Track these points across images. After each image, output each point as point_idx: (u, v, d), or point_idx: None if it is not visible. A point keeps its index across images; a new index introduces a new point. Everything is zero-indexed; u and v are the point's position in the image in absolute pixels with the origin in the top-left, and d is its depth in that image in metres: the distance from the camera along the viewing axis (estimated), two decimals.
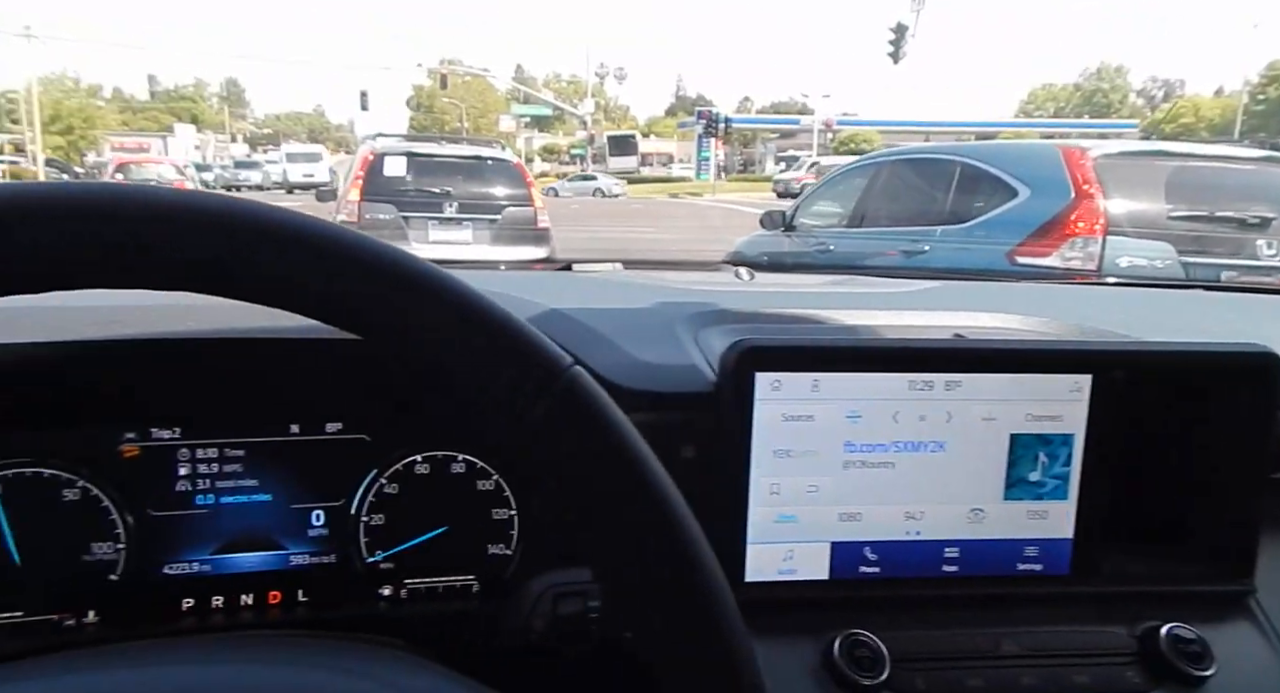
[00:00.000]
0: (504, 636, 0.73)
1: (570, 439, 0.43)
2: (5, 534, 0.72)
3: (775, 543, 0.73)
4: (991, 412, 0.72)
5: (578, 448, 0.43)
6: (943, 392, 0.72)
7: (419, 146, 7.28)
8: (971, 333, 0.93)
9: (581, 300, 0.98)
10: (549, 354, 0.44)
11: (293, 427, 0.79)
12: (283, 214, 0.41)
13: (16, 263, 0.37)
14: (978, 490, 0.73)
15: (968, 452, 0.73)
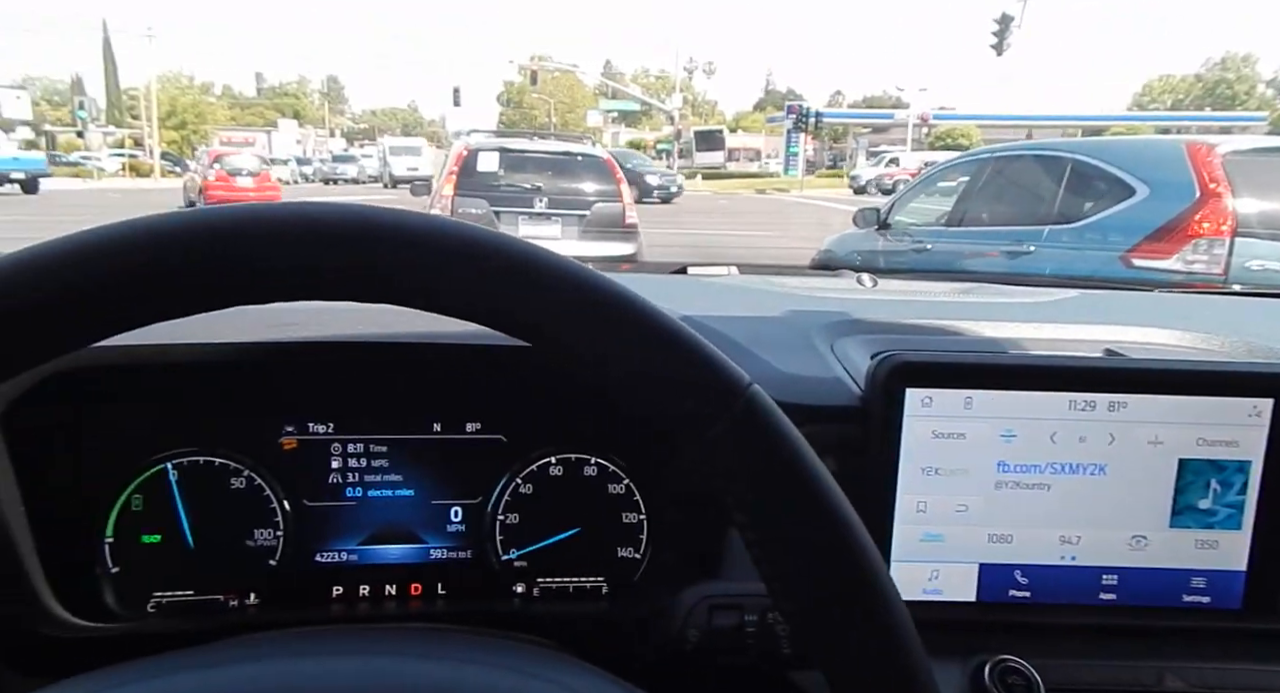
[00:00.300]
0: (656, 643, 0.73)
1: (749, 458, 0.43)
2: (181, 518, 0.78)
3: (920, 562, 0.71)
4: (1159, 435, 0.68)
5: (757, 466, 0.43)
6: (1105, 413, 0.68)
7: (512, 142, 7.38)
8: (1123, 348, 0.88)
9: (709, 307, 0.98)
10: (729, 373, 0.43)
11: (435, 425, 0.82)
12: (480, 232, 0.41)
13: (272, 278, 0.38)
14: (1140, 517, 0.70)
15: (1131, 476, 0.69)
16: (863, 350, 0.86)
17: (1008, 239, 4.42)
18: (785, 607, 0.44)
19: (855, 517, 0.43)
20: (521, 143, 7.43)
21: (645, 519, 0.85)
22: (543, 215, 6.84)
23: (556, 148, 7.36)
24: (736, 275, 1.33)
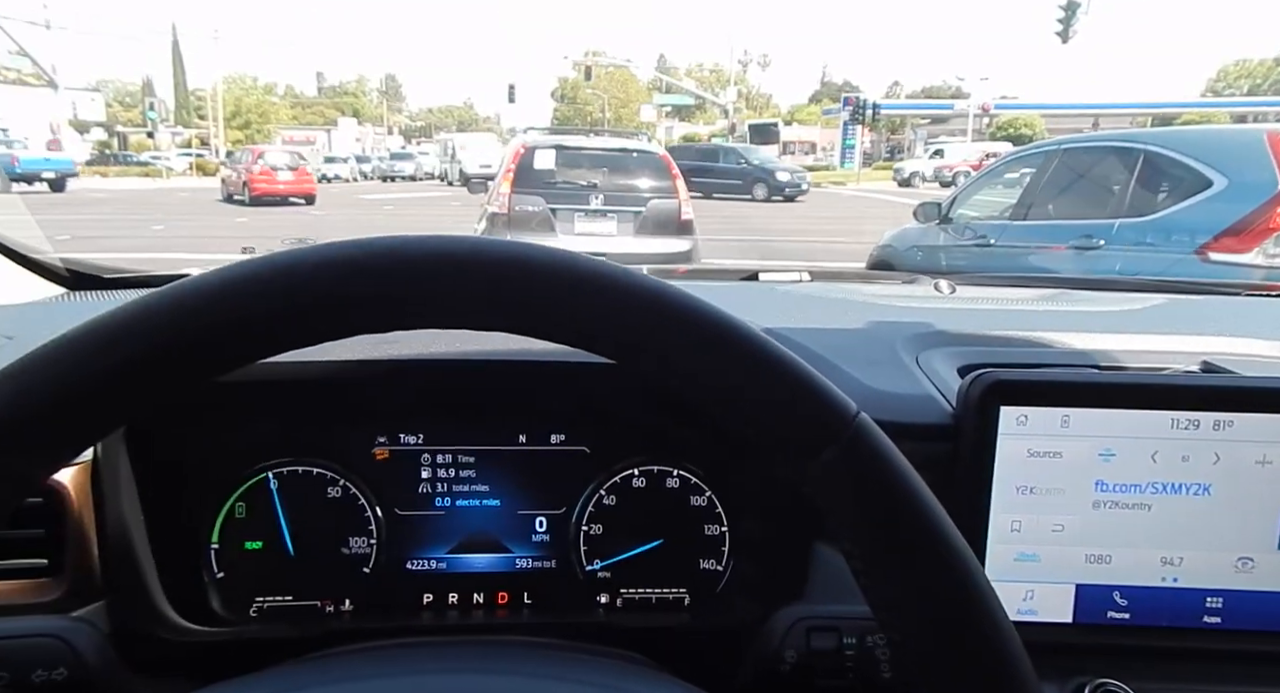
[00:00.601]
0: (753, 664, 0.73)
1: (857, 487, 0.43)
2: (282, 525, 0.81)
3: (1015, 582, 0.70)
4: (1268, 455, 0.66)
5: (865, 496, 0.43)
6: (1210, 432, 0.67)
7: (568, 140, 7.40)
8: (1221, 360, 0.86)
9: (789, 318, 0.97)
10: (837, 402, 0.44)
11: (520, 437, 0.84)
12: (598, 265, 0.42)
13: (411, 306, 0.41)
14: (1247, 538, 0.68)
15: (1237, 497, 0.67)
16: (949, 364, 0.85)
17: (1076, 233, 4.30)
18: (895, 635, 0.44)
19: (965, 544, 0.43)
20: (578, 140, 7.45)
21: (727, 532, 0.85)
22: (598, 212, 6.86)
23: (612, 144, 7.37)
24: (810, 282, 1.32)
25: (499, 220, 6.68)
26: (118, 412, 0.40)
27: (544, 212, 6.74)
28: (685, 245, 6.95)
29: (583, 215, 6.83)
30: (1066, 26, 19.05)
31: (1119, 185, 4.29)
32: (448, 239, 0.41)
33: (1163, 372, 0.84)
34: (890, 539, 0.43)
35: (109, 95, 59.59)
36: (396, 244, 0.41)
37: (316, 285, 0.39)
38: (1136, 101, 46.00)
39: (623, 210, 6.87)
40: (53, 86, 32.66)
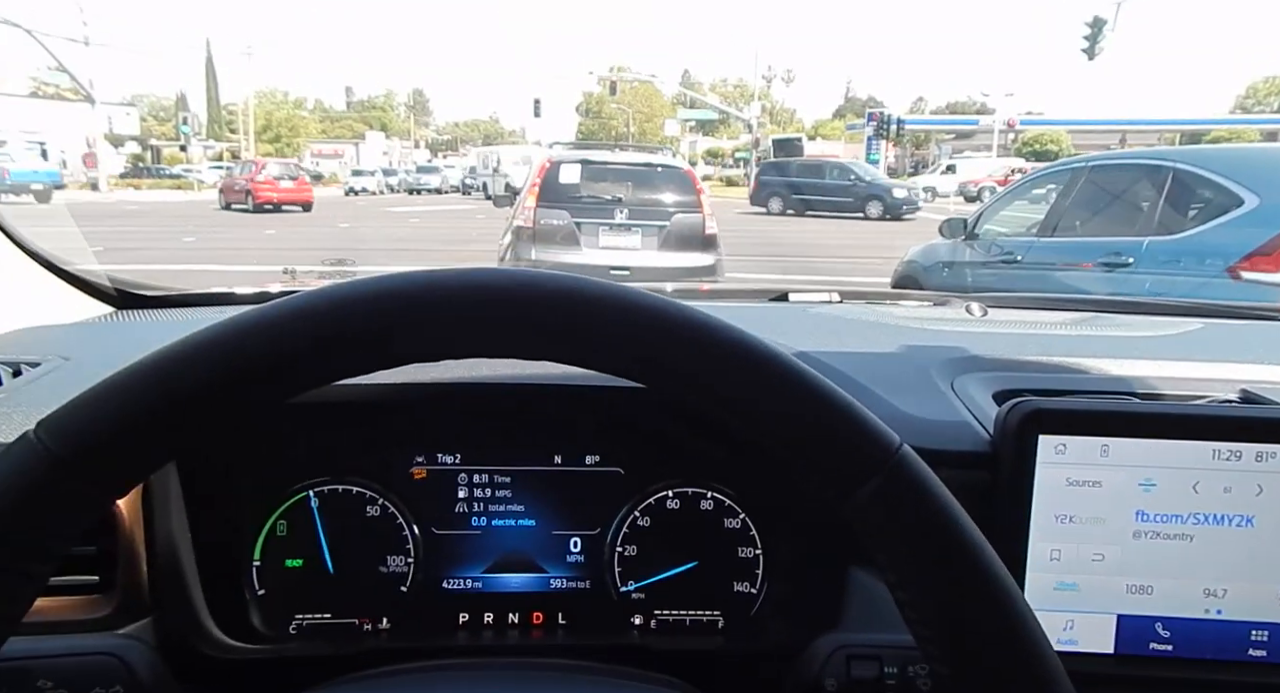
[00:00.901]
0: (791, 691, 0.73)
1: (901, 519, 0.43)
2: (322, 544, 0.82)
3: (1055, 611, 0.69)
4: None
5: (909, 528, 0.43)
6: (1253, 463, 0.66)
7: (593, 154, 7.44)
8: (1260, 388, 0.85)
9: (821, 342, 0.98)
10: (880, 434, 0.44)
11: (556, 457, 0.85)
12: (642, 297, 0.43)
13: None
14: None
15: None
16: (984, 390, 0.85)
17: (1104, 251, 4.27)
18: (940, 668, 0.44)
19: (1009, 577, 0.43)
20: (603, 155, 7.49)
21: (761, 554, 0.85)
22: (623, 226, 6.88)
23: (637, 159, 7.39)
24: (840, 303, 1.32)
25: (524, 234, 6.72)
26: (190, 437, 0.41)
27: (569, 226, 6.77)
28: (709, 260, 6.95)
29: (607, 229, 6.85)
30: (1093, 44, 18.92)
31: (1148, 203, 4.25)
32: (496, 273, 0.42)
33: (1202, 400, 0.84)
34: (935, 573, 0.43)
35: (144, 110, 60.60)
36: (448, 278, 0.42)
37: (388, 318, 0.41)
38: (1164, 118, 45.47)
39: (647, 225, 6.89)
40: (90, 101, 33.28)
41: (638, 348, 0.43)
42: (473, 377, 0.82)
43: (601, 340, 0.43)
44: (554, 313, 0.42)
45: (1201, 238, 3.80)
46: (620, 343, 0.43)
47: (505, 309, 0.42)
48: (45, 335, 1.04)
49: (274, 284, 1.36)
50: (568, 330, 0.42)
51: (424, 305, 0.42)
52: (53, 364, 0.90)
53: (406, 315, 0.41)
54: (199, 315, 1.17)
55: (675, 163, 7.49)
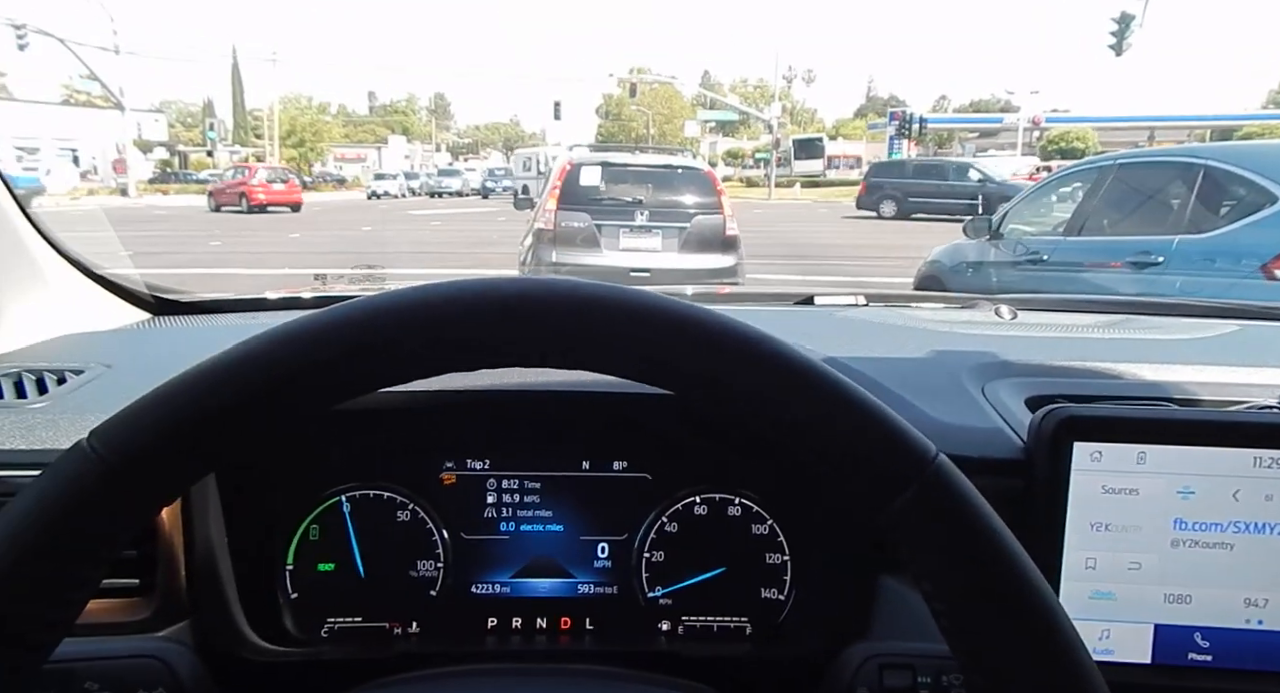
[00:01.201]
0: None
1: (938, 531, 0.43)
2: (354, 548, 0.83)
3: (1090, 620, 0.68)
4: None
5: (946, 540, 0.43)
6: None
7: (614, 157, 7.44)
8: None
9: (849, 346, 0.97)
10: (916, 444, 0.44)
11: (584, 463, 0.85)
12: (680, 307, 0.43)
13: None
14: None
15: None
16: (1016, 395, 0.84)
17: (1133, 250, 4.21)
18: (977, 679, 0.43)
19: (1048, 588, 0.43)
20: (623, 157, 7.49)
21: (789, 560, 0.85)
22: (644, 228, 6.88)
23: (657, 161, 7.39)
24: (866, 307, 1.31)
25: (545, 236, 6.74)
26: (235, 445, 0.42)
27: (589, 228, 6.78)
28: (730, 262, 6.94)
29: (628, 231, 6.86)
30: (1120, 39, 18.70)
31: (1178, 201, 4.20)
32: (541, 283, 0.43)
33: (1240, 406, 0.82)
34: (973, 583, 0.43)
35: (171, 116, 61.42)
36: (488, 287, 0.43)
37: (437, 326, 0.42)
38: (1194, 114, 44.86)
39: (667, 226, 6.88)
40: (120, 109, 33.79)
41: (674, 358, 0.43)
42: (502, 384, 0.82)
43: (637, 348, 0.43)
44: (584, 320, 0.42)
45: (1234, 236, 3.74)
46: (656, 352, 0.43)
47: (545, 319, 0.42)
48: (87, 343, 1.06)
49: (306, 290, 1.37)
50: (606, 339, 0.43)
51: (460, 317, 0.42)
52: (96, 371, 0.92)
53: (444, 326, 0.42)
54: (234, 322, 1.19)
55: (695, 164, 7.49)
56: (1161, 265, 4.00)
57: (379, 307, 0.42)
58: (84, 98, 41.78)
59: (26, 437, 0.78)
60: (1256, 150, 4.43)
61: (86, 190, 32.31)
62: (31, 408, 0.83)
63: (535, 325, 0.42)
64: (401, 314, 0.42)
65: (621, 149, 8.31)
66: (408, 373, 0.43)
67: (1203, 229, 3.93)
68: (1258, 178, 3.74)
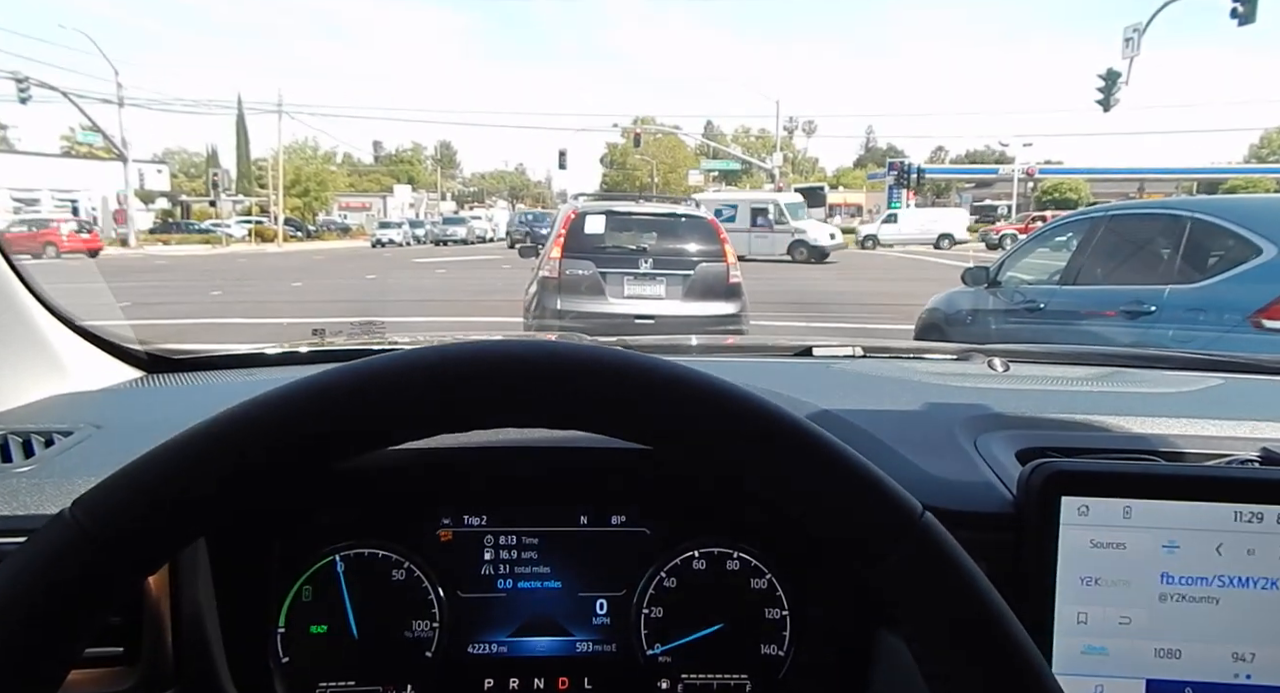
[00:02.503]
0: None
1: (925, 590, 0.44)
2: (347, 609, 0.81)
3: (1083, 676, 0.69)
4: None
5: (933, 599, 0.44)
6: (1274, 525, 0.67)
7: (618, 205, 7.52)
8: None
9: (844, 399, 0.98)
10: (903, 503, 0.45)
11: (582, 518, 0.85)
12: (665, 366, 0.45)
13: None
14: None
15: None
16: (1007, 448, 0.86)
17: (1126, 299, 4.27)
18: None
19: (1033, 646, 0.44)
20: (627, 205, 7.57)
21: (788, 615, 0.84)
22: (647, 276, 6.93)
23: (660, 209, 7.47)
24: (863, 357, 1.33)
25: (550, 284, 6.78)
26: (222, 514, 0.42)
27: (593, 276, 6.82)
28: (733, 308, 6.97)
29: (632, 279, 6.90)
30: (1107, 95, 19.08)
31: (1168, 252, 4.27)
32: (516, 347, 0.44)
33: (1223, 460, 0.84)
34: (958, 643, 0.43)
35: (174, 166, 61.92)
36: (479, 350, 0.44)
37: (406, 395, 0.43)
38: (1181, 167, 45.53)
39: (671, 274, 6.93)
40: (122, 159, 34.20)
41: (660, 420, 0.44)
42: (498, 440, 0.82)
43: (624, 410, 0.44)
44: (571, 384, 0.44)
45: (1221, 287, 3.82)
46: (643, 414, 0.44)
47: (525, 382, 0.43)
48: (76, 403, 1.04)
49: (303, 345, 1.35)
50: (589, 402, 0.44)
51: (433, 386, 0.43)
52: (85, 433, 0.90)
53: (414, 398, 0.43)
54: (229, 379, 1.17)
55: (699, 213, 7.56)
56: (1154, 314, 4.05)
57: (362, 374, 0.43)
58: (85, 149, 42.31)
59: (11, 502, 0.75)
60: (1240, 204, 4.52)
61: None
62: (17, 472, 0.80)
63: (522, 390, 0.44)
64: (384, 382, 0.43)
65: (625, 197, 8.40)
66: (396, 437, 0.44)
67: (1192, 279, 3.99)
68: (1242, 230, 3.82)
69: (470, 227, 43.65)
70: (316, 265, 23.34)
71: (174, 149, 72.57)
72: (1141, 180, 42.54)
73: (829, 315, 11.45)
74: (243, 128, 53.52)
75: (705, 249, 7.08)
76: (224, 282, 17.37)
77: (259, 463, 0.41)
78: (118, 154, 34.16)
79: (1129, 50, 18.88)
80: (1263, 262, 3.67)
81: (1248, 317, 3.60)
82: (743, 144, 74.35)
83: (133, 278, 17.69)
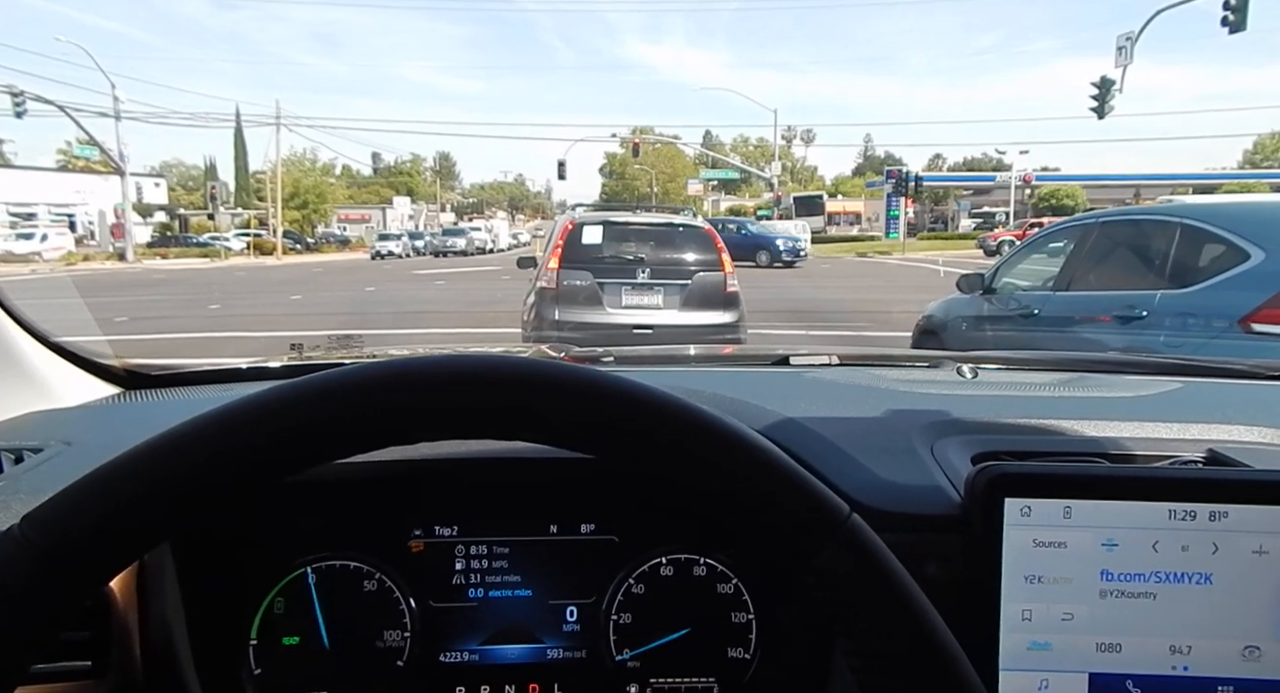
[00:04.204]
0: None
1: (851, 586, 0.47)
2: (319, 621, 0.82)
3: (1029, 671, 0.72)
4: (1264, 544, 0.69)
5: (859, 594, 0.47)
6: (1207, 522, 0.69)
7: (615, 215, 7.52)
8: (1228, 448, 0.88)
9: (812, 407, 1.01)
10: (829, 506, 0.48)
11: (551, 527, 0.86)
12: (587, 373, 0.47)
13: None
14: (1251, 627, 0.70)
15: (1238, 586, 0.69)
16: (962, 453, 0.88)
17: (1118, 304, 4.29)
18: None
19: (954, 642, 0.46)
20: (624, 215, 7.57)
21: (754, 619, 0.86)
22: (645, 286, 6.94)
23: (658, 220, 7.47)
24: (838, 365, 1.36)
25: (548, 295, 6.80)
26: (171, 527, 0.43)
27: (591, 286, 6.84)
28: (731, 317, 6.99)
29: (629, 289, 6.92)
30: (1101, 103, 19.22)
31: (1159, 257, 4.29)
32: (455, 360, 0.46)
33: (1166, 462, 0.87)
34: (881, 640, 0.46)
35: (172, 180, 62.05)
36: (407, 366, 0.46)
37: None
38: (1176, 173, 45.68)
39: (669, 283, 6.94)
40: (119, 173, 34.25)
41: (601, 429, 0.46)
42: (468, 451, 0.83)
43: (564, 420, 0.46)
44: (511, 395, 0.45)
45: (1211, 291, 3.83)
46: (582, 422, 0.46)
47: (465, 393, 0.45)
48: (49, 420, 1.03)
49: (276, 360, 1.34)
50: (524, 412, 0.46)
51: (362, 403, 0.44)
52: (55, 450, 0.90)
53: (354, 411, 0.44)
54: (206, 395, 1.16)
55: (696, 223, 7.57)
56: (1145, 320, 4.07)
57: (302, 390, 0.44)
58: (82, 163, 42.39)
59: None
60: (1228, 208, 4.54)
61: (82, 255, 32.67)
62: None
63: (459, 402, 0.45)
64: (331, 394, 0.44)
65: (623, 208, 8.43)
66: (340, 451, 0.45)
67: (1184, 283, 4.01)
68: (1230, 235, 3.84)
69: (470, 238, 43.79)
70: (315, 278, 23.38)
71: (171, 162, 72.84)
72: (1137, 186, 42.65)
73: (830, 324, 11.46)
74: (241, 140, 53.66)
75: (702, 259, 7.10)
76: (222, 295, 17.39)
77: (195, 481, 0.42)
78: (115, 168, 34.21)
79: (1122, 58, 18.99)
80: (1251, 267, 3.69)
81: (1237, 321, 3.62)
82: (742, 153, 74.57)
83: (130, 292, 17.71)
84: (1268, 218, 3.92)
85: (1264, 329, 3.50)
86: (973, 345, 5.32)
